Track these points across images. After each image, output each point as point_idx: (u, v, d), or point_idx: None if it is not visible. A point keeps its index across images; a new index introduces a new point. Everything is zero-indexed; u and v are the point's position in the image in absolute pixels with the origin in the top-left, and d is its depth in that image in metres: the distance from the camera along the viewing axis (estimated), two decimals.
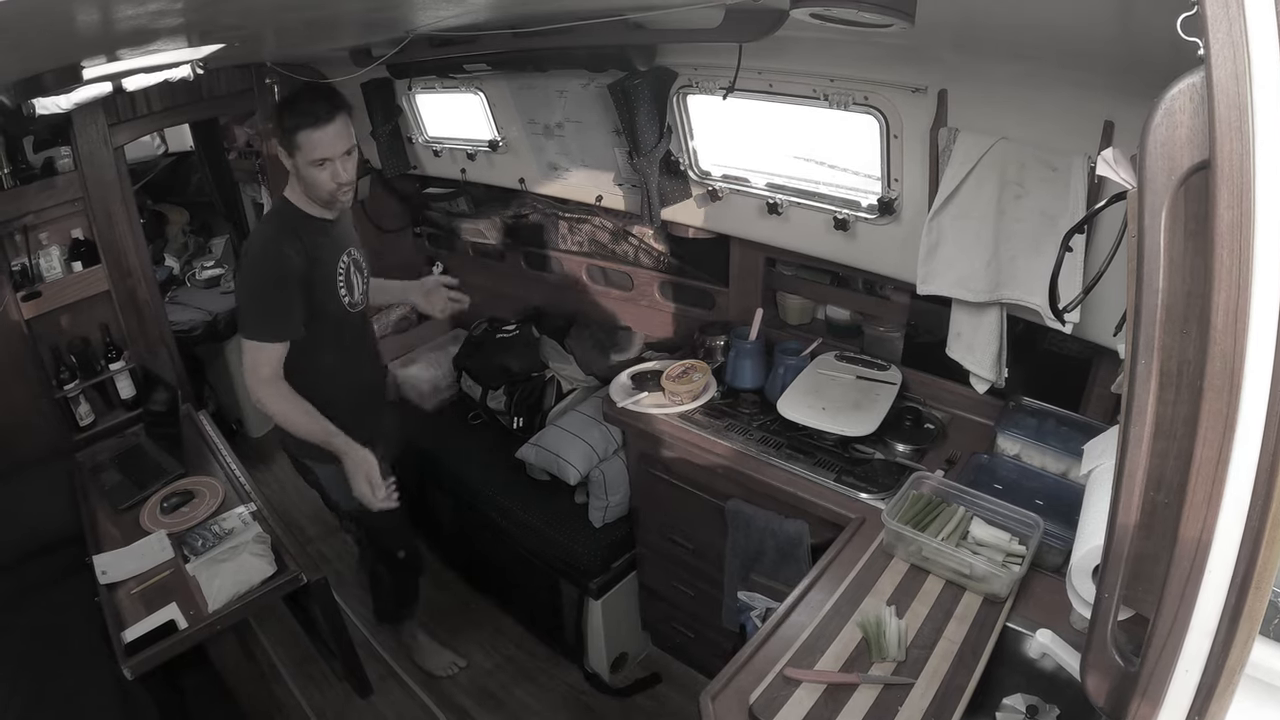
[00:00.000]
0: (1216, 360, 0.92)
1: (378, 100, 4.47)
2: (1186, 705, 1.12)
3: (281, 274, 2.85)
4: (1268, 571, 0.99)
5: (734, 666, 1.97)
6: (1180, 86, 0.89)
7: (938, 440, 3.08)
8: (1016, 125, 2.41)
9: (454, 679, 4.06)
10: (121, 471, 3.72)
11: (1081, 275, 2.32)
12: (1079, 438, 2.46)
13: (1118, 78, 2.00)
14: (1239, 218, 0.86)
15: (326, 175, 2.82)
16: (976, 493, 2.43)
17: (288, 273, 2.86)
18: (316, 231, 2.99)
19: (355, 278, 3.18)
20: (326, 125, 2.74)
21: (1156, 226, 0.94)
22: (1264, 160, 0.84)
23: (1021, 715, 1.97)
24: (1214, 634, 1.05)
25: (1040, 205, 2.41)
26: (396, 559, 3.78)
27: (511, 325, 4.66)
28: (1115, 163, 1.17)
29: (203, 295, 5.84)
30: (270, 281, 2.87)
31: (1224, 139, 0.85)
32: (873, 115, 2.68)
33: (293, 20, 2.43)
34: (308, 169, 2.81)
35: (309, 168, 2.80)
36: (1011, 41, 2.11)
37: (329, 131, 2.75)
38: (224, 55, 3.11)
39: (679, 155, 3.38)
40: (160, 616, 2.82)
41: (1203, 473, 0.98)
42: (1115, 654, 1.18)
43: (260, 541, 3.14)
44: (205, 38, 2.53)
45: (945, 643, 2.05)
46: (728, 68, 2.74)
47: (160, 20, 1.85)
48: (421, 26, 2.89)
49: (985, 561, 2.17)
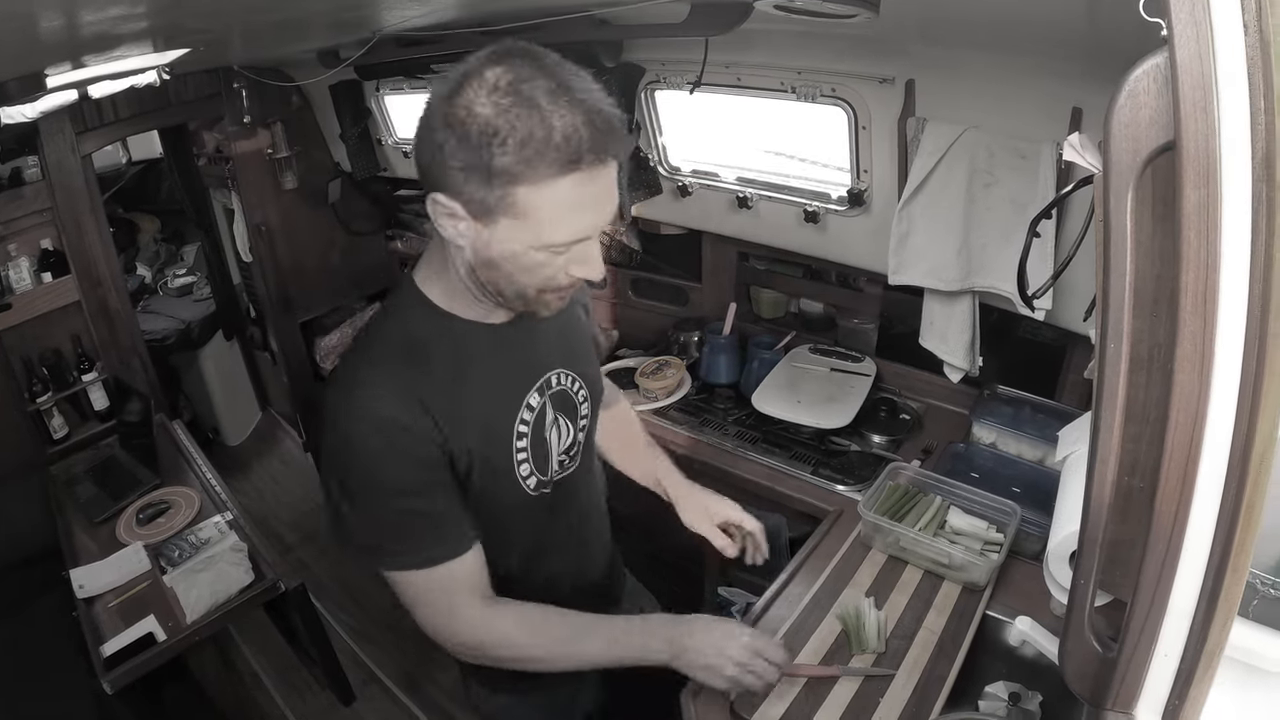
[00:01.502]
0: (1186, 342, 0.92)
1: (346, 102, 4.44)
2: (1166, 689, 1.12)
3: (400, 480, 1.59)
4: (1243, 554, 0.99)
5: None
6: (1143, 68, 0.88)
7: (914, 430, 3.09)
8: (985, 114, 2.41)
9: (437, 683, 4.03)
10: (97, 484, 3.70)
11: (1052, 262, 2.33)
12: (1054, 424, 2.47)
13: (1085, 64, 2.00)
14: (1205, 198, 0.85)
15: (556, 268, 1.48)
16: (953, 482, 2.44)
17: (409, 473, 1.59)
18: (475, 353, 1.67)
19: (556, 433, 1.83)
20: (595, 170, 1.35)
21: (1122, 209, 0.94)
22: (1229, 139, 0.84)
23: (1004, 703, 1.98)
24: (1192, 617, 1.05)
25: (1010, 193, 2.42)
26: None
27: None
28: (1082, 148, 1.17)
29: (175, 303, 5.80)
30: (382, 490, 1.59)
31: (1188, 119, 0.84)
32: (841, 107, 2.68)
33: (259, 22, 2.40)
34: (521, 252, 1.44)
35: (526, 251, 1.44)
36: (978, 30, 2.11)
37: (598, 185, 1.38)
38: (190, 60, 3.06)
39: (648, 151, 3.37)
40: (139, 629, 2.81)
41: (1175, 456, 0.98)
42: (1093, 640, 1.18)
43: (237, 550, 3.13)
44: (170, 42, 2.47)
45: (925, 633, 2.05)
46: (695, 62, 2.73)
47: (123, 25, 1.83)
48: (388, 27, 2.87)
49: (963, 550, 2.17)
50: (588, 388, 1.89)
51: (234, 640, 4.23)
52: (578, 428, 1.88)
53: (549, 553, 1.92)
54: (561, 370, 1.82)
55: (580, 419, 1.88)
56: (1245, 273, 0.87)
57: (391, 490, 1.58)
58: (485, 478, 1.69)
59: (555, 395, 1.80)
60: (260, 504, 5.46)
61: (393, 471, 1.56)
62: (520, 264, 1.46)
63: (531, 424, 1.74)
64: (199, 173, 5.33)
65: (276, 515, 5.38)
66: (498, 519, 1.76)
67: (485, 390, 1.66)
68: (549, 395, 1.78)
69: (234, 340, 5.95)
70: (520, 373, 1.74)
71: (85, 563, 3.16)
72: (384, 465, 1.56)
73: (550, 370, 1.79)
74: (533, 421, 1.75)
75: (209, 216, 5.58)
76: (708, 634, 1.74)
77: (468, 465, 1.65)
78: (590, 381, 1.91)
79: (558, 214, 1.39)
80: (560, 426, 1.82)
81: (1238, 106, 0.83)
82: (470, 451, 1.64)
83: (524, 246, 1.43)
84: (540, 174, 1.32)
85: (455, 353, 1.63)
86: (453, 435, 1.60)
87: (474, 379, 1.64)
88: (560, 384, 1.81)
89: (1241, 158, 0.84)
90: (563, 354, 1.83)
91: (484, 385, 1.66)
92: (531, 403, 1.74)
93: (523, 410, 1.73)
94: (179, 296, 5.89)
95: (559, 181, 1.34)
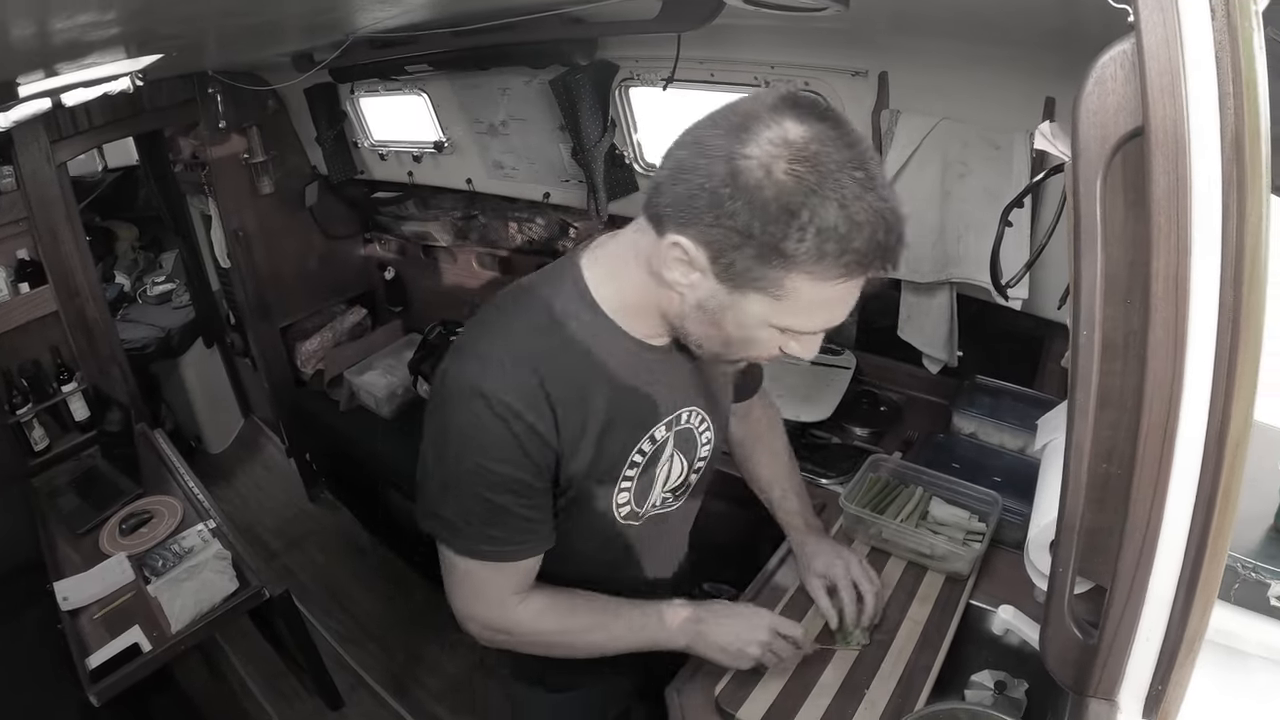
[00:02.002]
0: (1159, 328, 0.92)
1: (322, 105, 4.43)
2: (1149, 674, 1.12)
3: (506, 475, 1.50)
4: (1222, 538, 0.99)
5: (698, 659, 1.96)
6: (1111, 54, 0.88)
7: (894, 422, 3.09)
8: (958, 105, 2.41)
9: (425, 686, 4.02)
10: (79, 495, 3.69)
11: (1028, 251, 2.33)
12: (1035, 413, 2.46)
13: (1057, 54, 2.00)
14: (1175, 183, 0.86)
15: (775, 344, 1.42)
16: (934, 473, 2.43)
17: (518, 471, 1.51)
18: (621, 372, 1.56)
19: (667, 470, 1.75)
20: (860, 278, 1.28)
21: (1092, 196, 0.94)
22: (1198, 124, 0.84)
23: (990, 692, 1.98)
24: (1172, 602, 1.05)
25: (985, 184, 2.42)
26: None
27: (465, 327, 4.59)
28: (1053, 136, 1.17)
29: (154, 311, 5.79)
30: (485, 478, 1.50)
31: (1156, 104, 0.84)
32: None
33: (230, 27, 2.39)
34: (754, 326, 1.36)
35: (761, 326, 1.36)
36: (948, 21, 2.11)
37: (852, 289, 1.30)
38: (164, 65, 3.03)
39: (623, 149, 3.36)
40: (124, 640, 2.81)
41: (1150, 442, 0.98)
42: (1074, 627, 1.18)
43: (221, 558, 3.12)
44: (143, 48, 2.45)
45: (909, 624, 2.04)
46: (668, 59, 2.72)
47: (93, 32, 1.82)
48: (361, 29, 2.86)
49: (946, 541, 2.17)
50: (714, 430, 1.80)
51: (221, 649, 4.21)
52: (692, 468, 1.80)
53: (614, 573, 1.86)
54: (694, 409, 1.72)
55: (698, 460, 1.80)
56: (1217, 257, 0.87)
57: (493, 482, 1.50)
58: (580, 498, 1.63)
59: (680, 433, 1.71)
60: (244, 511, 5.45)
61: (502, 465, 1.48)
62: (745, 335, 1.39)
63: (648, 456, 1.67)
64: (175, 179, 5.31)
65: (261, 522, 5.37)
66: (577, 532, 1.71)
67: (616, 412, 1.56)
68: (674, 431, 1.70)
69: (214, 347, 5.93)
70: (655, 404, 1.63)
71: (69, 574, 3.15)
72: (497, 456, 1.47)
73: (685, 406, 1.70)
74: (650, 454, 1.67)
75: (186, 223, 5.55)
76: (728, 620, 1.78)
77: (570, 479, 1.58)
78: (719, 423, 1.82)
79: (819, 308, 1.31)
80: (674, 464, 1.74)
81: (1206, 91, 0.83)
82: (578, 469, 1.57)
83: (761, 323, 1.35)
84: (827, 273, 1.23)
85: (601, 364, 1.53)
86: (567, 446, 1.52)
87: (609, 398, 1.55)
88: (688, 422, 1.72)
89: (1210, 142, 0.84)
90: (701, 391, 1.73)
91: (617, 407, 1.56)
92: (656, 435, 1.66)
93: (644, 442, 1.64)
94: (158, 304, 5.88)
95: (838, 283, 1.25)
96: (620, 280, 1.50)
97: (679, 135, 1.29)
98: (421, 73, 3.58)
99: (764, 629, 1.76)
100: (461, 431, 1.48)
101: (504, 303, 1.58)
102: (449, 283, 5.26)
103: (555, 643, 1.74)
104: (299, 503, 5.54)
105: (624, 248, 1.50)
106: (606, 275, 1.52)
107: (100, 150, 5.90)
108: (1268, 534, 1.37)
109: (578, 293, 1.52)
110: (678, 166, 1.26)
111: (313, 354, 5.19)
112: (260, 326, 5.15)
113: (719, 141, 1.21)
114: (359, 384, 4.82)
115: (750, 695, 1.85)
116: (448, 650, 4.23)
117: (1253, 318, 0.88)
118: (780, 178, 1.17)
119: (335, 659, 4.15)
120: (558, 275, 1.56)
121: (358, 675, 4.13)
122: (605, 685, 2.06)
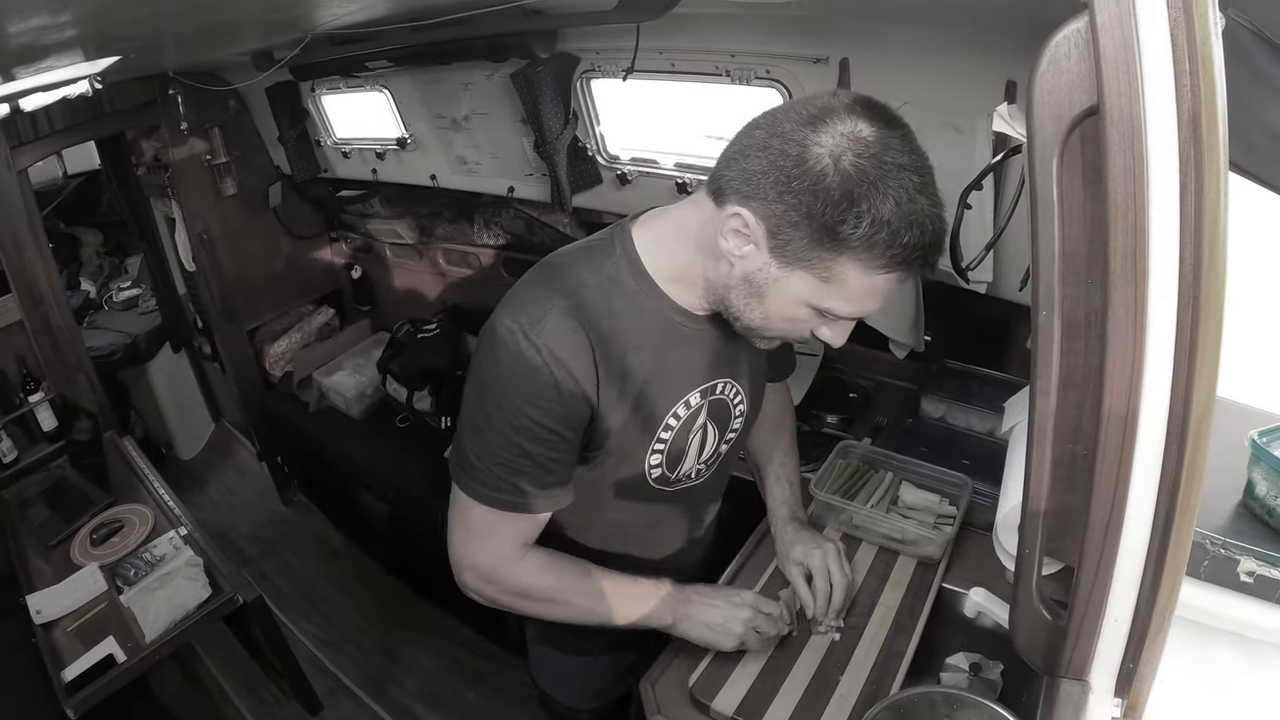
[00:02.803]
0: (1118, 306, 0.92)
1: (283, 104, 4.38)
2: (1119, 653, 1.13)
3: (539, 423, 1.55)
4: (1188, 515, 0.99)
5: (671, 651, 1.96)
6: (1065, 32, 0.88)
7: (863, 408, 3.10)
8: (919, 90, 2.40)
9: (403, 685, 4.01)
10: (49, 506, 3.64)
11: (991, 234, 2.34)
12: (1003, 396, 2.48)
13: (1018, 37, 2.00)
14: (1131, 161, 0.86)
15: (809, 325, 1.51)
16: (904, 457, 2.43)
17: (552, 421, 1.55)
18: (663, 336, 1.63)
19: (700, 439, 1.79)
20: (901, 273, 1.36)
21: (1048, 175, 0.94)
22: (1154, 102, 0.84)
23: (965, 674, 1.98)
24: (1140, 581, 1.06)
25: (947, 168, 2.38)
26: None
27: (432, 324, 4.61)
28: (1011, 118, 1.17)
29: (121, 317, 5.74)
30: (517, 420, 1.54)
31: (1111, 82, 0.84)
32: (776, 89, 2.67)
33: (187, 27, 2.36)
34: (795, 304, 1.45)
35: (801, 305, 1.44)
36: (910, 6, 2.12)
37: (892, 282, 1.38)
38: (122, 67, 3.00)
39: (586, 141, 3.35)
40: (98, 652, 2.78)
41: (1113, 420, 0.98)
42: (1042, 609, 1.18)
43: (193, 565, 3.09)
44: (100, 50, 2.43)
45: (882, 609, 2.05)
46: (629, 49, 2.71)
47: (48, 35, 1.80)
48: (320, 26, 2.84)
49: (916, 525, 2.18)
50: (748, 404, 1.87)
51: (198, 656, 4.18)
52: (723, 439, 1.85)
53: (641, 540, 1.95)
54: (730, 380, 1.79)
55: (730, 432, 1.86)
56: (1175, 235, 0.87)
57: (527, 428, 1.55)
58: (615, 454, 1.69)
59: (714, 403, 1.77)
60: (217, 517, 5.41)
61: (539, 411, 1.53)
62: (785, 312, 1.47)
63: (682, 421, 1.72)
64: (139, 183, 5.25)
65: (235, 527, 5.34)
66: (608, 493, 1.78)
67: (655, 374, 1.63)
68: (709, 400, 1.75)
69: (182, 352, 5.88)
70: (693, 369, 1.71)
71: (41, 587, 3.11)
72: (536, 400, 1.53)
73: (720, 377, 1.76)
74: (684, 419, 1.72)
75: (151, 227, 5.49)
76: (714, 599, 1.85)
77: (604, 436, 1.64)
78: (753, 399, 1.89)
79: (860, 295, 1.39)
80: (707, 434, 1.80)
81: (1161, 68, 0.83)
82: (614, 426, 1.63)
83: (802, 302, 1.44)
84: (874, 261, 1.32)
85: (645, 327, 1.60)
86: (605, 404, 1.59)
87: (649, 359, 1.62)
88: (723, 393, 1.78)
89: (1167, 120, 0.84)
90: (737, 364, 1.80)
91: (656, 368, 1.63)
92: (691, 401, 1.72)
93: (679, 406, 1.70)
94: (124, 310, 5.82)
95: (882, 274, 1.35)
96: (670, 249, 1.59)
97: (755, 116, 1.39)
98: (382, 69, 3.56)
99: (748, 608, 1.82)
100: (506, 374, 1.53)
101: (556, 260, 1.65)
102: (416, 280, 5.25)
103: (544, 600, 1.78)
104: (272, 507, 5.51)
105: (677, 219, 1.59)
106: (656, 243, 1.60)
107: (60, 156, 5.83)
108: (1236, 509, 1.37)
109: (627, 257, 1.60)
110: (750, 144, 1.35)
111: (281, 356, 5.15)
112: (227, 329, 5.11)
113: (794, 127, 1.30)
114: (328, 385, 4.80)
115: (725, 685, 1.84)
116: (425, 650, 4.23)
117: (1213, 294, 0.88)
118: (846, 168, 1.26)
119: (313, 663, 4.13)
120: (610, 240, 1.64)
121: (336, 678, 4.11)
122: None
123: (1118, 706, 1.17)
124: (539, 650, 2.28)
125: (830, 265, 1.34)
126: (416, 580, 4.55)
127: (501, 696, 3.94)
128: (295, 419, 4.97)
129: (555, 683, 2.30)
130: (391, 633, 4.35)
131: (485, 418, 1.58)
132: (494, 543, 1.70)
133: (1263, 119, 1.17)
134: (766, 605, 1.86)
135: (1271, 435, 1.31)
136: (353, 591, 4.75)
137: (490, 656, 4.14)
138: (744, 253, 1.41)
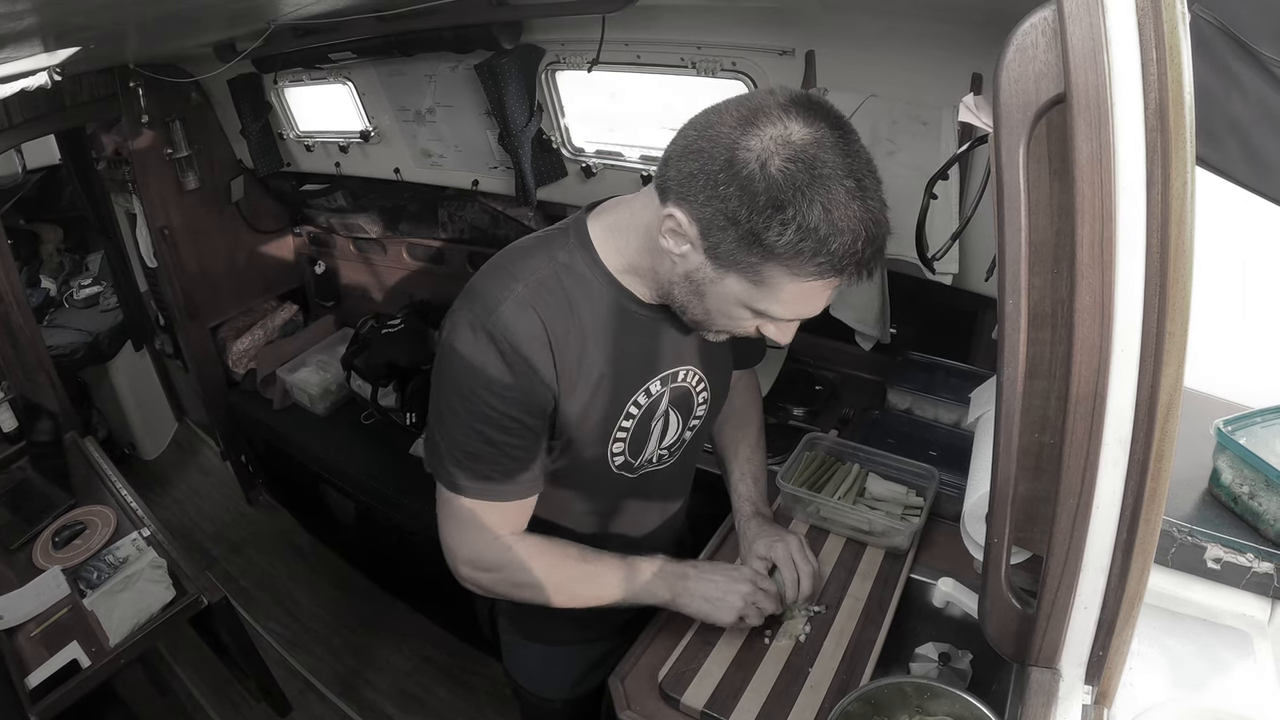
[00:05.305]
0: (1085, 294, 0.92)
1: (246, 97, 4.32)
2: (1089, 641, 1.13)
3: (500, 411, 1.57)
4: (1156, 503, 1.00)
5: (640, 645, 1.96)
6: (1032, 20, 0.88)
7: (830, 401, 3.11)
8: (886, 82, 2.42)
9: (373, 685, 4.00)
10: (10, 509, 3.58)
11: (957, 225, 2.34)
12: (969, 387, 2.48)
13: (983, 29, 2.01)
14: (1098, 149, 0.86)
15: (751, 323, 1.51)
16: (871, 449, 2.44)
17: (513, 409, 1.57)
18: (619, 324, 1.64)
19: (663, 426, 1.81)
20: (834, 280, 1.35)
21: (1015, 164, 0.94)
22: (1121, 90, 0.84)
23: (935, 663, 1.99)
24: (1109, 569, 1.06)
25: (913, 160, 2.43)
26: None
27: (396, 320, 4.57)
28: (977, 108, 1.17)
29: (82, 315, 5.64)
30: (479, 410, 1.57)
31: (1078, 70, 0.84)
32: (741, 80, 2.67)
33: (146, 16, 2.33)
34: (732, 304, 1.45)
35: (738, 305, 1.45)
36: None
37: (825, 288, 1.38)
38: (82, 59, 2.95)
39: (551, 133, 3.34)
40: (62, 658, 2.74)
41: (1080, 409, 0.98)
42: (1011, 598, 1.19)
43: (156, 567, 3.06)
44: (59, 41, 2.38)
45: (851, 600, 2.05)
46: (595, 41, 2.71)
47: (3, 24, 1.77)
48: (283, 16, 2.81)
49: (884, 516, 2.18)
50: (710, 393, 1.87)
51: (165, 660, 4.14)
52: (686, 426, 1.87)
53: (608, 528, 1.96)
54: (692, 368, 1.79)
55: (693, 420, 1.87)
56: (1142, 223, 0.87)
57: (489, 417, 1.57)
58: (577, 442, 1.69)
59: (676, 390, 1.78)
60: (182, 517, 5.36)
61: (500, 400, 1.55)
62: (723, 309, 1.48)
63: (643, 409, 1.74)
64: (100, 177, 5.18)
65: (199, 528, 5.28)
66: (571, 481, 1.79)
67: (613, 362, 1.64)
68: (670, 388, 1.76)
69: (144, 350, 5.81)
70: (651, 357, 1.71)
71: (3, 591, 3.06)
72: (496, 390, 1.54)
73: (681, 365, 1.77)
74: (645, 407, 1.74)
75: (112, 222, 5.42)
76: (713, 572, 1.88)
77: (565, 424, 1.64)
78: (716, 388, 1.89)
79: (794, 299, 1.39)
80: (669, 421, 1.81)
81: (1128, 57, 0.83)
82: (573, 414, 1.63)
83: (738, 303, 1.44)
84: (801, 269, 1.31)
85: (601, 316, 1.61)
86: (565, 392, 1.59)
87: (606, 347, 1.62)
88: (684, 381, 1.79)
89: (1134, 108, 0.84)
90: (699, 354, 1.80)
91: (614, 356, 1.64)
92: (651, 389, 1.73)
93: (639, 394, 1.71)
94: (85, 308, 5.73)
95: (811, 281, 1.33)
96: (623, 240, 1.59)
97: (693, 115, 1.38)
98: (346, 60, 3.52)
99: (747, 582, 1.85)
100: (464, 366, 1.54)
101: (512, 252, 1.65)
102: (380, 275, 5.20)
103: (540, 586, 1.77)
104: (237, 506, 5.46)
105: (630, 211, 1.60)
106: (610, 233, 1.61)
107: (19, 151, 5.75)
108: (1202, 497, 1.39)
109: (582, 246, 1.60)
110: (686, 144, 1.35)
111: (244, 353, 5.10)
112: (189, 327, 5.03)
113: (725, 129, 1.29)
114: (292, 382, 4.76)
115: (695, 679, 1.84)
116: (394, 648, 4.21)
117: (1180, 284, 0.88)
118: (773, 173, 1.24)
119: (281, 664, 4.10)
120: (566, 230, 1.64)
121: (305, 679, 4.08)
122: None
123: (1088, 694, 1.17)
124: (511, 641, 2.29)
125: (760, 270, 1.34)
126: (385, 578, 4.53)
127: (474, 694, 3.92)
128: (259, 417, 4.92)
129: (528, 674, 2.31)
130: (361, 632, 4.32)
131: (449, 408, 1.60)
132: (480, 531, 1.71)
133: (1228, 114, 1.18)
134: (765, 581, 1.88)
135: (1236, 424, 1.33)
136: (321, 591, 4.71)
137: (462, 654, 4.12)
138: (682, 252, 1.42)
